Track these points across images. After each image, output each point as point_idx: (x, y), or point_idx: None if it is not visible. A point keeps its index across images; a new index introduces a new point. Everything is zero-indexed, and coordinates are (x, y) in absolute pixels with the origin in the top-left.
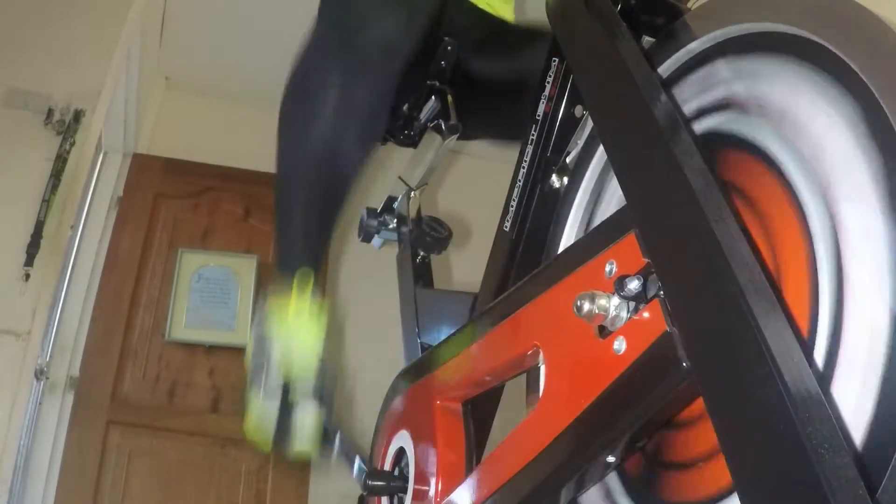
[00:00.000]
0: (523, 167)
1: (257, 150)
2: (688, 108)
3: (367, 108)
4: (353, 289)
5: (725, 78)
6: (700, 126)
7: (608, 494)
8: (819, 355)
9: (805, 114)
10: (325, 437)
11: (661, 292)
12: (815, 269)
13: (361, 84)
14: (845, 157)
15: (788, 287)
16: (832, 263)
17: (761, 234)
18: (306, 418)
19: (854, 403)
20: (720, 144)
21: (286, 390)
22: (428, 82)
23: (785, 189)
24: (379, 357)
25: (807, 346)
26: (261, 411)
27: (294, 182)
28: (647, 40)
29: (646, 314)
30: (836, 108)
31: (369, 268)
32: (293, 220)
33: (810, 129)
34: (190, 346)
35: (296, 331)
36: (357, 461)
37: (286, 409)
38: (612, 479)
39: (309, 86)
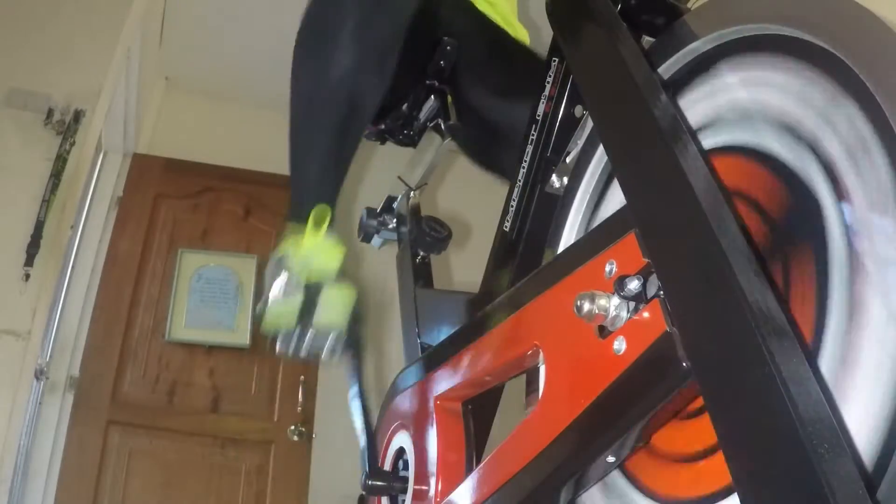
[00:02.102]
0: (523, 167)
1: (257, 150)
2: (692, 118)
3: (383, 45)
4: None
5: (727, 83)
6: (707, 138)
7: (609, 487)
8: (820, 355)
9: (805, 116)
10: (355, 318)
11: (661, 292)
12: (819, 270)
13: (377, 20)
14: (847, 158)
15: (791, 287)
16: (838, 264)
17: (764, 236)
18: (334, 293)
19: (855, 403)
20: (725, 152)
21: (307, 287)
22: (427, 82)
23: (789, 192)
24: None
25: (807, 346)
26: (281, 303)
27: (310, 117)
28: (648, 40)
29: (646, 314)
30: (836, 110)
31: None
32: (309, 156)
33: (810, 130)
34: (190, 346)
35: (313, 255)
36: (363, 443)
37: (310, 298)
38: (615, 472)
39: (325, 22)
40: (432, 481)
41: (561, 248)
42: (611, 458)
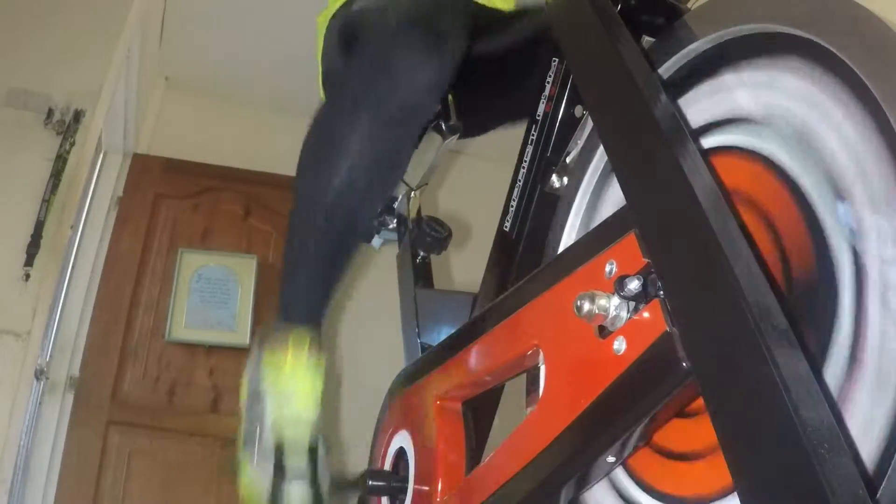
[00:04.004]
0: (523, 167)
1: (257, 150)
2: (692, 119)
3: (388, 163)
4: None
5: (728, 84)
6: (707, 139)
7: (614, 484)
8: (819, 355)
9: (807, 116)
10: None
11: (661, 292)
12: (821, 270)
13: (386, 140)
14: (846, 159)
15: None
16: (834, 264)
17: (764, 235)
18: (296, 497)
19: (855, 403)
20: (726, 152)
21: (279, 453)
22: None
23: (791, 192)
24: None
25: (807, 347)
26: (253, 475)
27: (305, 230)
28: (648, 40)
29: (646, 314)
30: (837, 110)
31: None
32: (300, 271)
33: (811, 130)
34: (190, 346)
35: (291, 390)
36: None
37: (279, 474)
38: (619, 470)
39: (332, 136)
40: (432, 481)
41: (561, 249)
42: (611, 458)
